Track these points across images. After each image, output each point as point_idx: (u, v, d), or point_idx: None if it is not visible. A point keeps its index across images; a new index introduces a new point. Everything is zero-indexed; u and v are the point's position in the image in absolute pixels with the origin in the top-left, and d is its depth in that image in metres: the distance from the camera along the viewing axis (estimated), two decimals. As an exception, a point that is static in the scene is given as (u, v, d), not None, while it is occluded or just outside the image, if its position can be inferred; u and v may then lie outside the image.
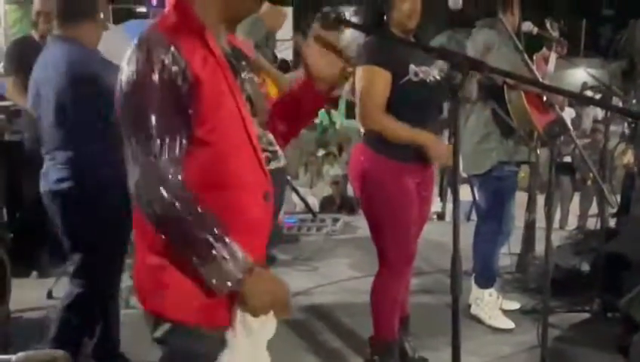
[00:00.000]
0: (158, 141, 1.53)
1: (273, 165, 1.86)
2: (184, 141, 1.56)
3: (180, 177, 1.54)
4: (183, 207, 1.52)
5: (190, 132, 1.57)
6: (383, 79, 2.97)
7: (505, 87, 3.81)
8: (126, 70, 1.56)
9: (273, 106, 1.91)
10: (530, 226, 4.90)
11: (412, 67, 2.99)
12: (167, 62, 1.52)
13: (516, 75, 2.87)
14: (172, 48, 1.53)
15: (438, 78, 3.06)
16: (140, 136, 1.54)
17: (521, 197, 4.46)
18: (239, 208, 1.65)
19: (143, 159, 1.53)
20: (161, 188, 1.52)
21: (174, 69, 1.52)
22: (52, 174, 2.98)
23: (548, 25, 4.37)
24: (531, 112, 3.81)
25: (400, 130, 2.99)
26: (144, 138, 1.53)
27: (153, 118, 1.53)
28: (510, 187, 4.05)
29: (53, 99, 2.88)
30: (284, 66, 4.80)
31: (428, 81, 3.02)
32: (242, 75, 1.74)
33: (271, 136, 1.85)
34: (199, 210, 1.54)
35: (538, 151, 4.12)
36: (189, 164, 1.57)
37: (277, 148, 1.92)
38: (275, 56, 5.06)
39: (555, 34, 4.39)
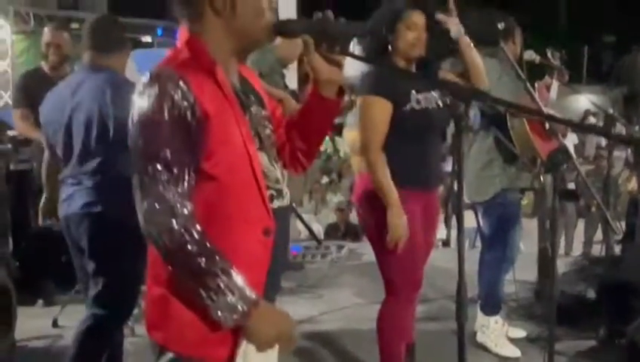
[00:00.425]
0: (168, 174, 1.57)
1: (277, 203, 1.88)
2: (192, 174, 1.60)
3: (189, 209, 1.57)
4: (192, 240, 1.55)
5: (197, 166, 1.61)
6: (383, 109, 2.99)
7: (507, 114, 3.84)
8: (138, 104, 1.60)
9: (287, 125, 1.94)
10: (543, 253, 4.89)
11: (414, 94, 3.01)
12: (176, 97, 1.57)
13: (517, 105, 2.90)
14: (181, 84, 1.58)
15: (440, 104, 3.08)
16: (150, 169, 1.57)
17: (525, 224, 4.47)
18: (238, 242, 1.67)
19: (153, 191, 1.57)
20: (171, 220, 1.55)
21: (184, 104, 1.57)
22: (79, 199, 3.01)
23: (549, 54, 4.42)
24: (534, 139, 3.83)
25: (383, 178, 2.99)
26: (154, 170, 1.57)
27: (163, 152, 1.56)
28: (514, 213, 4.06)
29: (96, 124, 2.95)
30: (293, 97, 4.83)
31: (430, 108, 3.04)
32: (251, 110, 1.77)
33: (278, 174, 1.88)
34: (207, 243, 1.57)
35: (541, 178, 4.14)
36: (193, 197, 1.61)
37: (282, 186, 1.95)
38: (286, 86, 5.09)
39: (557, 63, 4.43)
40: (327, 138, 16.41)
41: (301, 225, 7.26)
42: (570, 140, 10.84)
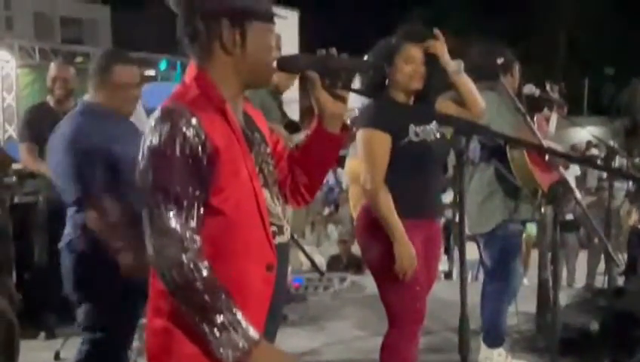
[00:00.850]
0: (178, 208, 1.60)
1: (278, 240, 1.91)
2: (201, 209, 1.64)
3: (198, 245, 1.60)
4: (200, 276, 1.58)
5: (206, 201, 1.65)
6: (382, 143, 3.02)
7: (507, 146, 3.87)
8: (149, 139, 1.64)
9: (289, 159, 1.97)
10: (544, 285, 4.88)
11: (412, 127, 3.04)
12: (188, 134, 1.61)
13: (516, 138, 2.93)
14: (193, 120, 1.62)
15: (438, 135, 3.11)
16: (161, 203, 1.60)
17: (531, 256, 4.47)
18: (242, 277, 1.70)
19: (163, 225, 1.60)
20: (181, 254, 1.58)
21: (195, 140, 1.61)
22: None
23: (548, 87, 4.47)
24: (534, 170, 3.86)
25: (387, 211, 3.01)
26: (165, 205, 1.60)
27: (174, 187, 1.60)
28: (515, 245, 4.07)
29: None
30: (292, 127, 4.86)
31: (429, 140, 3.07)
32: (256, 147, 1.81)
33: (280, 210, 1.91)
34: (214, 279, 1.59)
35: (542, 210, 4.15)
36: (201, 232, 1.64)
37: (284, 223, 1.98)
38: (284, 115, 5.13)
39: (555, 96, 4.48)
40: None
41: (303, 256, 7.25)
42: (572, 172, 10.87)
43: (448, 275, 7.67)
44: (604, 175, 9.94)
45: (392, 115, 3.05)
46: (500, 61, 3.95)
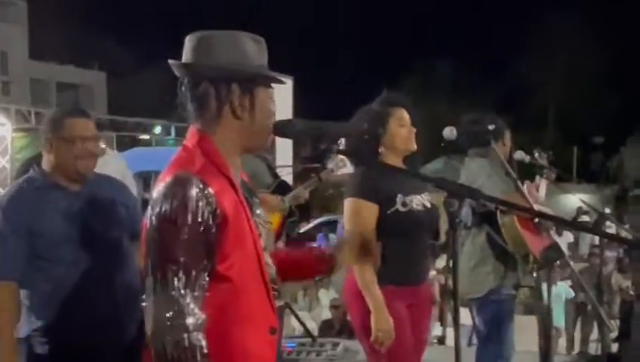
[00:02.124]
0: (186, 278, 1.60)
1: (276, 303, 1.92)
2: (207, 278, 1.64)
3: (201, 319, 1.60)
4: (197, 356, 1.57)
5: (212, 268, 1.66)
6: (370, 212, 3.01)
7: (498, 211, 3.91)
8: (160, 207, 1.64)
9: (276, 257, 1.99)
10: (542, 352, 4.83)
11: (400, 197, 3.05)
12: (201, 204, 1.62)
13: (510, 203, 2.97)
14: (206, 191, 1.64)
15: (428, 205, 3.11)
16: (168, 272, 1.60)
17: (525, 321, 4.45)
18: (246, 342, 1.70)
19: (168, 297, 1.59)
20: (183, 334, 1.57)
21: (207, 209, 1.63)
22: None
23: (537, 155, 4.56)
24: (525, 236, 3.89)
25: (368, 281, 2.98)
26: (172, 274, 1.60)
27: (184, 257, 1.60)
28: (508, 310, 4.06)
29: None
30: (283, 186, 4.89)
31: (416, 209, 3.07)
32: (255, 211, 1.85)
33: (274, 273, 1.92)
34: (206, 356, 1.59)
35: (534, 274, 4.16)
36: (205, 300, 1.64)
37: (278, 286, 1.99)
38: (276, 176, 5.17)
39: (544, 163, 4.56)
40: (320, 234, 16.34)
41: (295, 321, 7.20)
42: (564, 239, 10.90)
43: (442, 340, 7.59)
44: (596, 242, 9.99)
45: (380, 184, 3.03)
46: (491, 128, 4.03)
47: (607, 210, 7.24)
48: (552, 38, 34.21)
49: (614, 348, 5.21)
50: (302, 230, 15.90)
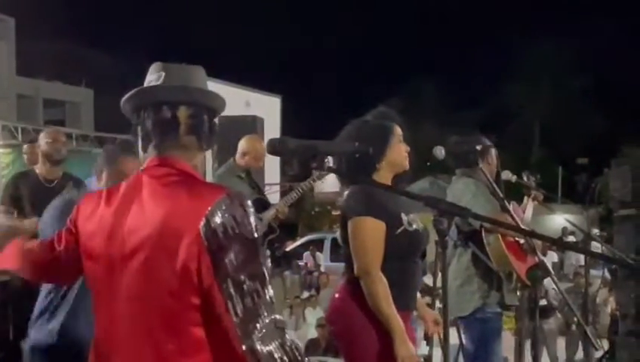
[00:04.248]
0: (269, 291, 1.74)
1: None
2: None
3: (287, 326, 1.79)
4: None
5: None
6: (378, 230, 2.86)
7: (483, 230, 3.95)
8: (247, 228, 1.74)
9: None
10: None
11: (404, 216, 2.92)
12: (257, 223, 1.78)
13: (498, 221, 2.99)
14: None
15: (422, 225, 2.99)
16: (261, 291, 1.73)
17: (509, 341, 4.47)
18: None
19: (267, 313, 1.70)
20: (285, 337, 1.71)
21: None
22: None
23: (525, 178, 4.61)
24: (510, 255, 3.93)
25: (385, 304, 2.81)
26: (263, 292, 1.73)
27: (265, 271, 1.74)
28: (495, 329, 4.08)
29: None
30: (261, 203, 4.91)
31: (420, 229, 2.95)
32: None
33: None
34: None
35: (518, 293, 4.18)
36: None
37: None
38: (260, 190, 5.18)
39: (532, 184, 4.61)
40: (307, 252, 16.36)
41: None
42: (549, 258, 10.97)
43: (428, 360, 7.59)
44: (582, 262, 10.05)
45: (386, 202, 2.90)
46: (477, 147, 4.08)
47: (596, 231, 7.28)
48: (537, 60, 34.60)
49: (599, 367, 5.23)
50: (288, 248, 15.90)
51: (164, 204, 1.74)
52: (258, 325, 1.65)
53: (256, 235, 1.71)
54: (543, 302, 8.30)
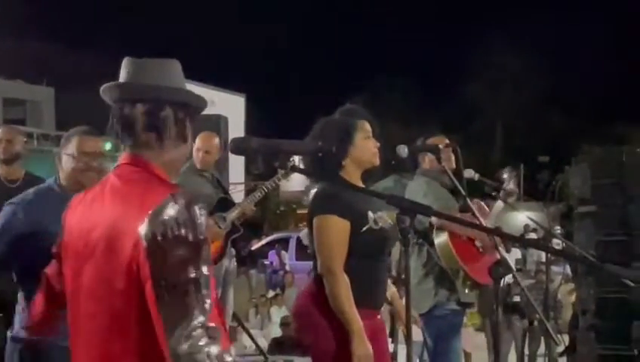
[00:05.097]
0: (207, 295, 1.70)
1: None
2: None
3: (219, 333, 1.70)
4: None
5: None
6: (343, 230, 2.86)
7: (431, 228, 3.99)
8: (182, 231, 1.70)
9: None
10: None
11: (370, 214, 2.90)
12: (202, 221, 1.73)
13: (457, 218, 3.01)
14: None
15: (391, 223, 2.95)
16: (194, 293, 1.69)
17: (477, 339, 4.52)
18: None
19: (195, 318, 1.66)
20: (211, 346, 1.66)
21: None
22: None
23: (505, 175, 4.50)
24: (461, 256, 3.96)
25: (346, 304, 2.81)
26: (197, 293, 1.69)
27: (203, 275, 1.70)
28: (452, 325, 4.10)
29: None
30: (225, 202, 4.89)
31: (386, 227, 2.94)
32: None
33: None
34: None
35: (466, 291, 4.19)
36: None
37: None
38: (224, 190, 5.16)
39: (511, 185, 4.51)
40: (273, 251, 16.36)
41: (247, 339, 7.17)
42: (513, 255, 11.09)
43: (393, 357, 7.64)
44: (543, 259, 10.20)
45: (351, 200, 2.88)
46: (440, 145, 4.12)
47: (558, 228, 7.40)
48: (499, 61, 35.04)
49: (562, 361, 5.33)
50: (254, 247, 15.86)
51: (118, 203, 1.75)
52: (186, 328, 1.62)
53: (200, 237, 1.67)
54: (516, 299, 8.43)
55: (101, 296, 1.74)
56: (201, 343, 1.60)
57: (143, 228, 1.66)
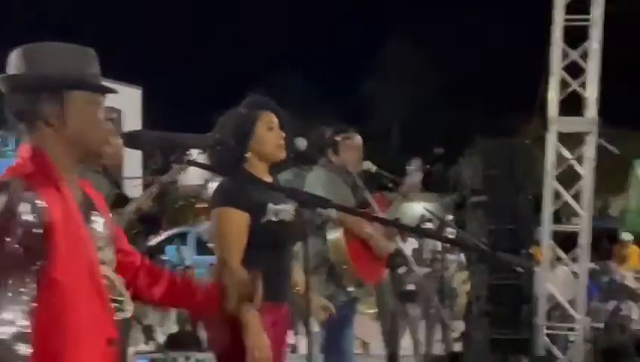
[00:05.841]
0: (13, 290, 1.58)
1: (119, 316, 1.87)
2: (35, 286, 1.61)
3: (21, 327, 1.57)
4: None
5: (42, 275, 1.62)
6: (240, 222, 2.86)
7: (327, 222, 4.03)
8: None
9: (146, 282, 2.02)
10: (392, 357, 5.00)
11: (271, 206, 2.89)
12: (25, 209, 1.60)
13: (354, 210, 3.05)
14: (29, 195, 1.61)
15: (295, 215, 2.95)
16: None
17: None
18: (79, 351, 1.68)
19: None
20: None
21: (32, 215, 1.60)
22: None
23: (412, 167, 4.58)
24: (347, 251, 4.02)
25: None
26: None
27: (8, 269, 1.58)
28: (344, 316, 4.12)
29: None
30: (122, 199, 4.77)
31: (287, 220, 2.94)
32: (92, 225, 1.82)
33: (121, 286, 1.90)
34: None
35: (352, 289, 4.26)
36: (36, 308, 1.61)
37: (125, 298, 1.94)
38: (119, 186, 5.03)
39: (415, 177, 4.58)
40: (173, 246, 16.05)
41: (142, 335, 7.03)
42: (409, 245, 11.36)
43: (294, 349, 7.67)
44: (439, 248, 10.50)
45: (250, 192, 2.86)
46: (337, 138, 4.16)
47: (450, 217, 7.63)
48: (394, 58, 35.98)
49: (458, 347, 5.50)
50: (152, 242, 15.50)
51: None
52: None
53: (9, 230, 1.59)
54: (411, 287, 8.63)
55: None
56: None
57: None
